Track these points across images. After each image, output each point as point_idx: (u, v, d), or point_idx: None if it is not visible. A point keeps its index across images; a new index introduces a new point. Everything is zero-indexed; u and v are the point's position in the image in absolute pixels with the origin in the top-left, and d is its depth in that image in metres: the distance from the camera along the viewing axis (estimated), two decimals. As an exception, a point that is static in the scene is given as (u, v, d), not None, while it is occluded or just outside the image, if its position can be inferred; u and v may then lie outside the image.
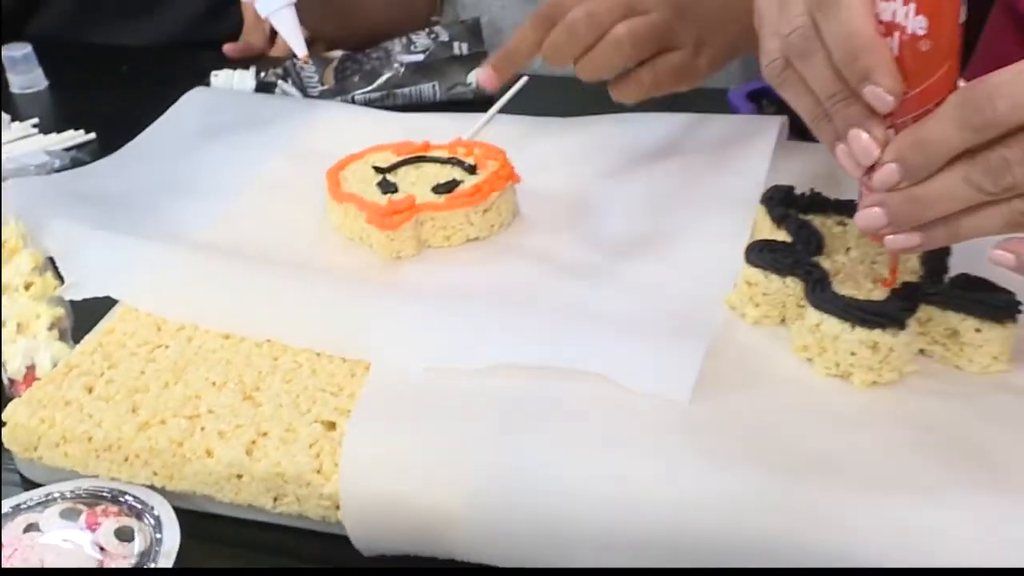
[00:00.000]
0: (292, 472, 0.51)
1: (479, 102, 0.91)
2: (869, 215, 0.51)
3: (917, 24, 0.46)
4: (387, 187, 0.68)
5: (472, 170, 0.70)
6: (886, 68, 0.48)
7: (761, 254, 0.59)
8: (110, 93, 0.99)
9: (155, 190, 0.75)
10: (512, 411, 0.52)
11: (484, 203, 0.67)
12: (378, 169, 0.70)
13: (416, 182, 0.69)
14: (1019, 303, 0.55)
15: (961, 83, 0.48)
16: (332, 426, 0.53)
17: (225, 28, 1.14)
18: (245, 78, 0.95)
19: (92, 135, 0.89)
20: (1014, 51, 0.92)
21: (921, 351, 0.57)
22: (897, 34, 0.47)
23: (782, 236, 0.62)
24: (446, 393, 0.54)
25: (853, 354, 0.54)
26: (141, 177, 0.78)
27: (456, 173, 0.70)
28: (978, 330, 0.55)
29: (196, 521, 0.52)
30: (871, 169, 0.50)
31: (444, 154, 0.72)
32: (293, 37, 0.80)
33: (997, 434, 0.51)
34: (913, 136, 0.48)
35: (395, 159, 0.72)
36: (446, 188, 0.68)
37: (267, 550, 0.52)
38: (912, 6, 0.46)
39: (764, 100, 0.86)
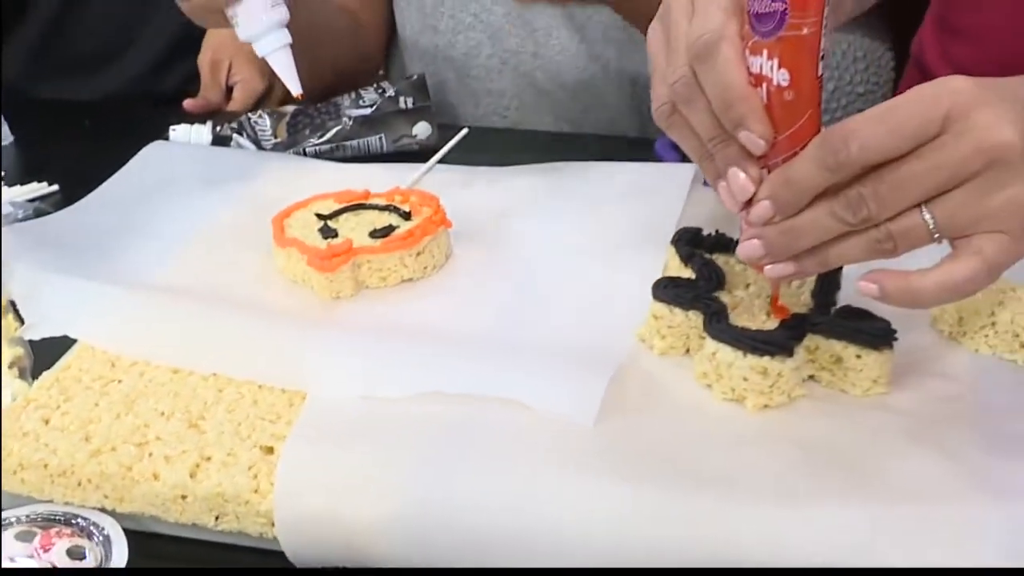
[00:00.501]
0: (232, 492, 0.55)
1: (424, 153, 0.97)
2: (748, 247, 0.56)
3: (781, 76, 0.53)
4: (327, 232, 0.73)
5: (407, 216, 0.75)
6: (757, 116, 0.54)
7: (666, 290, 0.65)
8: (73, 146, 1.04)
9: (113, 236, 0.80)
10: (437, 435, 0.57)
11: (417, 247, 0.72)
12: (320, 216, 0.76)
13: (355, 228, 0.74)
14: (894, 332, 0.60)
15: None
16: (270, 451, 0.58)
17: (178, 80, 1.19)
18: (202, 132, 1.00)
19: (55, 187, 0.94)
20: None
21: (811, 377, 0.62)
22: (765, 84, 0.54)
23: (688, 274, 0.67)
24: (376, 419, 0.59)
25: (746, 379, 0.59)
26: (100, 225, 0.83)
27: (393, 219, 0.75)
28: (859, 356, 0.60)
29: (144, 541, 0.57)
30: (749, 204, 0.56)
31: (382, 201, 0.78)
32: (288, 76, 0.86)
33: (872, 449, 0.56)
34: (782, 176, 0.54)
35: (337, 207, 0.77)
36: (382, 233, 0.73)
37: (208, 565, 0.57)
38: (776, 60, 0.52)
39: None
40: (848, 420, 0.59)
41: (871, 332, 0.60)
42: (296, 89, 0.86)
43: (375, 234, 0.73)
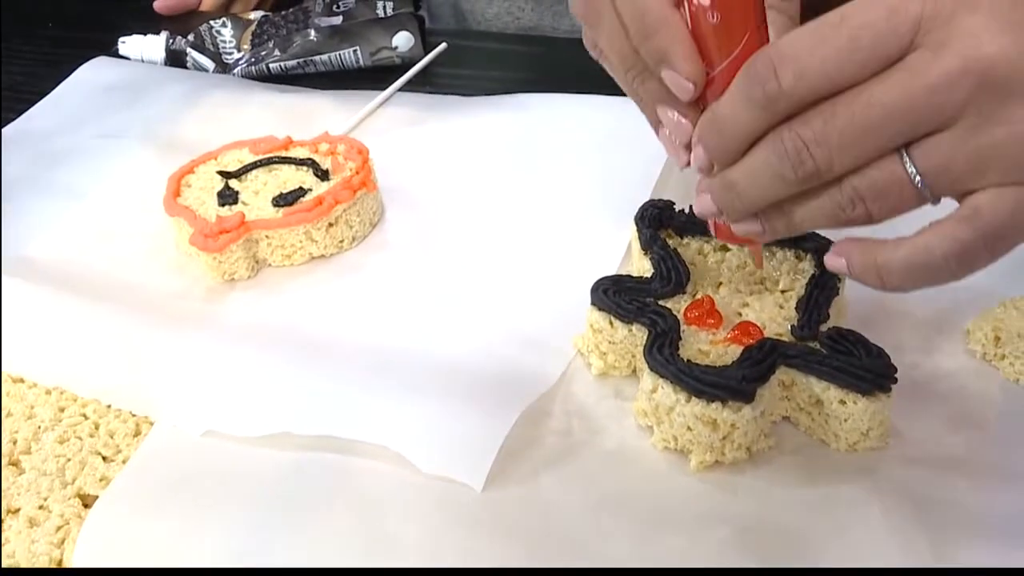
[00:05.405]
0: (27, 565, 0.45)
1: (407, 68, 0.82)
2: (701, 202, 0.42)
3: None
4: (226, 197, 0.61)
5: (325, 176, 0.62)
6: (682, 50, 0.39)
7: (605, 296, 0.50)
8: (25, 55, 0.93)
9: (12, 189, 0.69)
10: (275, 500, 0.45)
11: (327, 218, 0.59)
12: (224, 174, 0.63)
13: (261, 191, 0.61)
14: (892, 371, 0.45)
15: None
16: (91, 501, 0.47)
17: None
18: (155, 44, 0.87)
19: (-11, 110, 0.84)
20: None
21: (786, 418, 0.48)
22: (687, 4, 0.39)
23: (648, 265, 0.53)
24: (214, 469, 0.47)
25: (690, 429, 0.46)
26: (5, 170, 0.72)
27: (307, 179, 0.62)
28: (843, 402, 0.45)
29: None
30: None
31: (304, 152, 0.64)
32: None
33: (834, 550, 0.42)
34: (709, 115, 0.40)
35: (251, 158, 0.64)
36: (287, 200, 0.60)
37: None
38: None
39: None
40: (816, 494, 0.45)
41: (858, 372, 0.45)
42: None
43: (279, 201, 0.60)
